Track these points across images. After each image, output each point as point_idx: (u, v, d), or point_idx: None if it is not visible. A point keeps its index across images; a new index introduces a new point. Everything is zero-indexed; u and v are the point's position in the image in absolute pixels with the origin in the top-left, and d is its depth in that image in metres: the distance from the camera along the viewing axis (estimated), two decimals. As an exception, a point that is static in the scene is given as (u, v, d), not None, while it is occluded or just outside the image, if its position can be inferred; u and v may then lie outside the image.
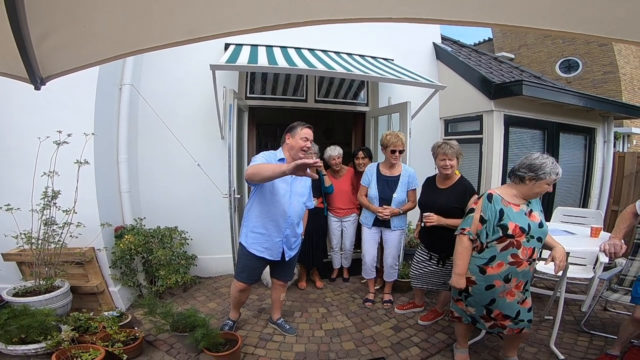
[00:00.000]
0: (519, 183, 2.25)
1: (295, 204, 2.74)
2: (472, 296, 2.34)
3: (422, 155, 4.83)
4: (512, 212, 2.20)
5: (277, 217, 2.69)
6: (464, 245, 2.29)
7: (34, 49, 1.02)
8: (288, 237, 2.79)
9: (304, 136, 2.66)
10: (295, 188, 2.75)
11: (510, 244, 2.17)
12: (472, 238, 2.27)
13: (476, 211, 2.27)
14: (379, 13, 1.07)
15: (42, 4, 0.90)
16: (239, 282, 2.83)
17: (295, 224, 2.80)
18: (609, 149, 5.62)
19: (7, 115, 3.12)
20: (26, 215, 2.88)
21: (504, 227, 2.15)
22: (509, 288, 2.25)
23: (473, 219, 2.27)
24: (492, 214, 2.20)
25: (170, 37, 1.09)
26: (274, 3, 1.02)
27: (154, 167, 4.12)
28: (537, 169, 2.15)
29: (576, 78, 11.27)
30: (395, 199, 3.38)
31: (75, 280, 3.19)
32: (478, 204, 2.29)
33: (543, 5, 0.97)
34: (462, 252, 2.29)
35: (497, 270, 2.22)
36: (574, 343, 2.94)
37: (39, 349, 2.38)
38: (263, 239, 2.73)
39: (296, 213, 2.77)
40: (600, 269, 3.16)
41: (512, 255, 2.18)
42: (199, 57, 4.00)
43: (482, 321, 2.41)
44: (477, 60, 5.68)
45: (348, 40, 4.72)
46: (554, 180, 2.16)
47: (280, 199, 2.66)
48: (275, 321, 3.16)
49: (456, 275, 2.32)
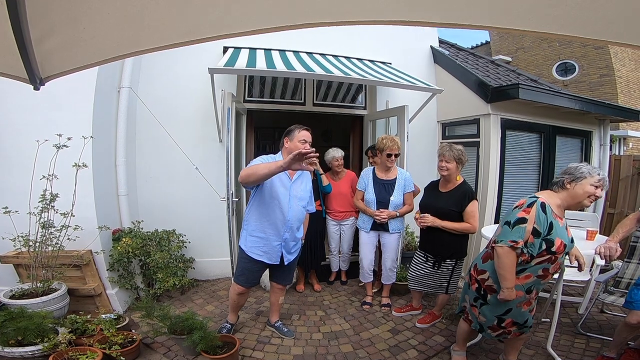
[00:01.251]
0: (559, 190, 2.14)
1: (294, 207, 2.74)
2: (488, 305, 2.25)
3: (420, 158, 4.88)
4: (559, 226, 2.03)
5: (276, 221, 2.69)
6: (512, 259, 2.05)
7: (34, 49, 1.03)
8: (287, 241, 2.79)
9: (302, 139, 2.67)
10: (294, 192, 2.75)
11: (548, 259, 2.05)
12: (520, 252, 2.06)
13: (529, 222, 2.01)
14: (374, 16, 1.09)
15: (42, 5, 0.92)
16: (237, 285, 2.85)
17: (295, 228, 2.79)
18: (605, 152, 5.64)
19: (5, 117, 3.13)
20: (24, 218, 2.88)
21: (550, 242, 2.00)
22: (529, 299, 2.18)
23: (525, 231, 2.01)
24: (545, 227, 1.99)
25: (168, 39, 1.10)
26: (271, 5, 1.04)
27: (152, 170, 4.12)
28: (574, 170, 2.09)
29: (573, 81, 11.36)
30: (393, 202, 3.40)
31: (73, 282, 3.18)
32: (530, 214, 2.02)
33: (538, 8, 0.99)
34: (510, 266, 2.05)
35: (522, 282, 2.12)
36: (571, 345, 2.95)
37: (36, 351, 2.36)
38: (262, 242, 2.74)
39: (295, 217, 2.76)
40: (597, 271, 3.18)
41: (543, 269, 2.08)
42: (197, 60, 4.03)
43: (490, 331, 2.33)
44: (474, 64, 5.72)
45: (346, 44, 4.75)
46: (598, 181, 2.02)
47: (279, 203, 2.67)
48: (273, 324, 3.16)
49: (507, 289, 2.08)
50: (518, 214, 2.04)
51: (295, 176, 2.79)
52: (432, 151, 5.22)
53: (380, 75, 4.04)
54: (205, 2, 1.00)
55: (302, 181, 2.84)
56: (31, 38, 0.98)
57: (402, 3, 1.03)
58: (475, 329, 2.45)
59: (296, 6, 1.03)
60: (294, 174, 2.78)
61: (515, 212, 2.07)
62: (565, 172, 2.14)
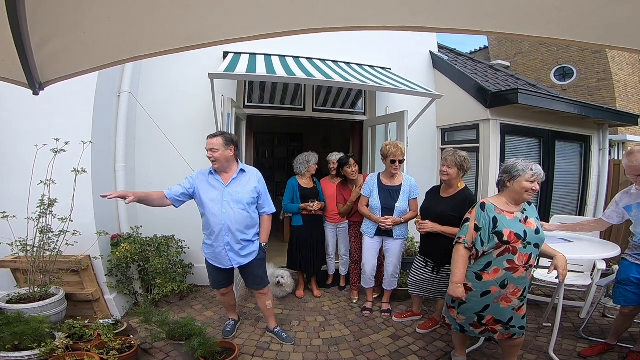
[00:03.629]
0: (503, 189, 2.35)
1: (229, 211, 2.72)
2: (466, 303, 2.34)
3: (420, 164, 4.88)
4: (506, 219, 2.24)
5: (214, 227, 2.74)
6: (460, 253, 2.32)
7: (33, 54, 1.03)
8: (231, 245, 2.76)
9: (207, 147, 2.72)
10: (229, 195, 2.74)
11: (506, 250, 2.19)
12: (467, 246, 2.30)
13: (470, 220, 2.33)
14: (374, 21, 1.09)
15: (43, 10, 0.92)
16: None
17: (235, 230, 2.74)
18: (605, 156, 5.65)
19: (4, 121, 3.13)
20: (22, 223, 2.87)
21: (499, 234, 2.19)
22: (505, 294, 2.26)
23: (468, 228, 2.32)
24: (486, 222, 2.24)
25: (168, 44, 1.10)
26: (271, 11, 1.04)
27: (151, 176, 4.11)
28: (511, 168, 2.27)
29: (571, 85, 11.40)
30: (398, 208, 3.39)
31: (71, 287, 3.16)
32: (472, 213, 2.34)
33: (533, 13, 0.99)
34: (458, 260, 2.31)
35: (493, 277, 2.23)
36: (573, 350, 2.93)
37: (33, 356, 2.34)
38: (210, 249, 2.84)
39: (232, 220, 2.72)
40: (598, 275, 3.17)
41: (508, 261, 2.20)
42: (197, 66, 4.04)
43: (472, 328, 2.41)
44: (473, 69, 5.75)
45: (346, 49, 4.77)
46: (532, 176, 2.18)
47: (211, 209, 2.72)
48: (272, 330, 3.14)
49: (454, 283, 2.31)
50: (465, 216, 2.40)
51: (230, 179, 2.77)
52: (431, 157, 5.24)
53: (379, 80, 4.06)
54: (206, 8, 1.00)
55: (241, 183, 2.82)
56: (31, 43, 0.98)
57: (402, 9, 1.03)
58: (456, 331, 2.53)
59: (296, 12, 1.04)
60: (229, 177, 2.78)
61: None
62: (503, 171, 2.33)
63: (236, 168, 2.83)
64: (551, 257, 2.35)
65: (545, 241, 2.32)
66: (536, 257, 2.30)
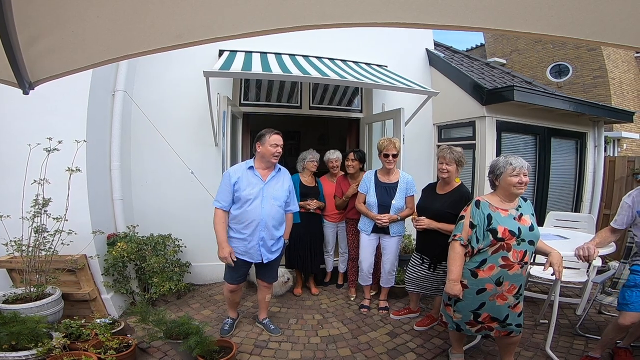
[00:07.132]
0: (494, 188, 2.43)
1: (267, 207, 2.85)
2: (462, 301, 2.35)
3: (417, 161, 4.89)
4: (500, 216, 2.27)
5: (251, 221, 2.82)
6: (455, 250, 2.34)
7: (22, 53, 1.02)
8: (264, 240, 2.88)
9: (274, 143, 2.82)
10: (268, 192, 2.87)
11: (500, 247, 2.21)
12: (463, 244, 2.32)
13: (466, 217, 2.36)
14: (369, 17, 1.08)
15: (29, 8, 0.90)
16: (227, 283, 3.02)
17: (271, 226, 2.88)
18: (600, 153, 5.68)
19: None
20: (16, 223, 2.85)
21: (494, 231, 2.21)
22: (501, 291, 2.27)
23: (463, 225, 2.35)
24: (481, 219, 2.28)
25: (159, 42, 1.09)
26: (263, 8, 1.03)
27: (147, 174, 4.10)
28: (494, 167, 2.36)
29: (567, 83, 11.42)
30: (394, 205, 3.39)
31: (67, 287, 3.15)
32: (467, 210, 2.38)
33: (529, 9, 0.99)
34: (455, 258, 2.33)
35: (488, 274, 2.24)
36: (570, 346, 2.95)
37: (30, 356, 2.33)
38: (241, 243, 2.87)
39: (270, 216, 2.86)
40: (594, 272, 3.19)
41: (502, 258, 2.21)
42: (192, 64, 4.01)
43: (468, 327, 2.42)
44: (469, 66, 5.75)
45: (342, 47, 4.76)
46: (513, 170, 2.22)
47: (252, 204, 2.81)
48: (261, 320, 3.23)
49: (450, 281, 2.32)
50: (461, 213, 2.44)
51: (269, 177, 2.89)
52: (428, 154, 5.24)
53: (376, 78, 4.05)
54: (195, 6, 0.99)
55: (278, 181, 2.96)
56: (19, 42, 0.97)
57: (397, 5, 1.02)
58: (452, 329, 2.53)
59: (287, 9, 1.03)
60: (268, 175, 2.90)
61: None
62: (489, 172, 2.41)
63: (274, 166, 2.96)
64: (546, 254, 2.35)
65: (540, 238, 2.33)
66: (531, 254, 2.31)
